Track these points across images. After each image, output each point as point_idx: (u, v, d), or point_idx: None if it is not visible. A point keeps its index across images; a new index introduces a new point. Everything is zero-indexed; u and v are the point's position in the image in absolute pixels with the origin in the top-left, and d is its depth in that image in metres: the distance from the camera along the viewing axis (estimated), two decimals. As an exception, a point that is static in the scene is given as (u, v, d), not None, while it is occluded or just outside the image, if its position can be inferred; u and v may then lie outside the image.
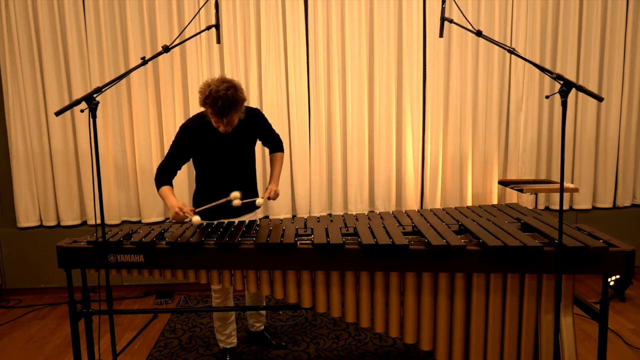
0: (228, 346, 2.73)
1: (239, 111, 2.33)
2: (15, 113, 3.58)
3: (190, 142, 2.48)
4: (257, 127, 2.63)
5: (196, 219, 2.28)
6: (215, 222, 2.44)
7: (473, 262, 1.98)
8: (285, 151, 3.62)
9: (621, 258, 1.93)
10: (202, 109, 2.42)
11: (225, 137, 2.48)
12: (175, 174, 2.51)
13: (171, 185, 2.45)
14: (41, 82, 3.59)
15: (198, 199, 2.61)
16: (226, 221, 2.47)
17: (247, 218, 2.60)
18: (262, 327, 2.94)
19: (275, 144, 2.79)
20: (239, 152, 2.58)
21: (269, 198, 2.58)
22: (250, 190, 2.66)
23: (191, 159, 2.59)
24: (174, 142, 2.50)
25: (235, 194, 2.41)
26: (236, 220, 2.49)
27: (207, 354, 2.85)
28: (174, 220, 2.34)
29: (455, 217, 2.43)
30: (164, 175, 2.46)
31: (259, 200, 2.53)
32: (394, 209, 3.76)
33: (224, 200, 2.41)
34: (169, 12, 3.53)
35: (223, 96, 2.22)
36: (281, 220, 2.49)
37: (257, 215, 2.79)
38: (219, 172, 2.56)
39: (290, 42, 3.57)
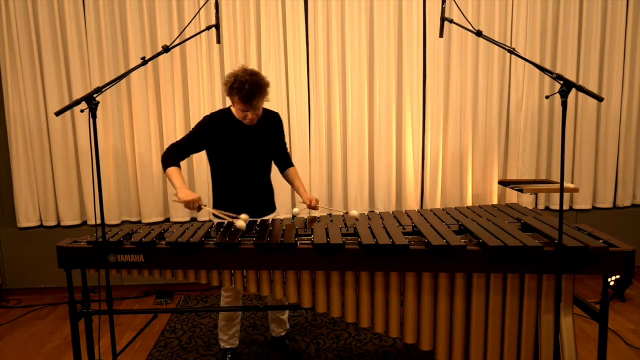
0: (229, 346, 2.73)
1: (263, 96, 2.36)
2: (15, 113, 3.58)
3: (211, 132, 2.48)
4: (275, 129, 2.65)
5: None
6: (216, 222, 2.45)
7: (473, 262, 1.97)
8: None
9: (621, 258, 1.92)
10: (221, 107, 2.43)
11: (246, 135, 2.49)
12: (183, 158, 2.51)
13: (180, 167, 2.45)
14: (41, 82, 3.59)
15: (216, 198, 2.61)
16: (227, 221, 2.47)
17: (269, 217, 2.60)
18: (284, 333, 2.92)
19: (286, 158, 2.75)
20: (258, 151, 2.56)
21: (312, 207, 2.58)
22: (266, 197, 2.66)
23: (208, 159, 2.60)
24: (194, 127, 2.51)
25: (242, 224, 2.25)
26: (259, 220, 2.48)
27: (207, 354, 2.85)
28: (181, 202, 2.31)
29: (455, 217, 2.43)
30: (175, 156, 2.46)
31: (295, 210, 2.59)
32: (394, 208, 3.76)
33: (233, 216, 2.34)
34: (169, 12, 3.53)
35: (249, 79, 2.29)
36: (281, 220, 2.49)
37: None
38: (236, 170, 2.54)
39: (290, 42, 3.57)
